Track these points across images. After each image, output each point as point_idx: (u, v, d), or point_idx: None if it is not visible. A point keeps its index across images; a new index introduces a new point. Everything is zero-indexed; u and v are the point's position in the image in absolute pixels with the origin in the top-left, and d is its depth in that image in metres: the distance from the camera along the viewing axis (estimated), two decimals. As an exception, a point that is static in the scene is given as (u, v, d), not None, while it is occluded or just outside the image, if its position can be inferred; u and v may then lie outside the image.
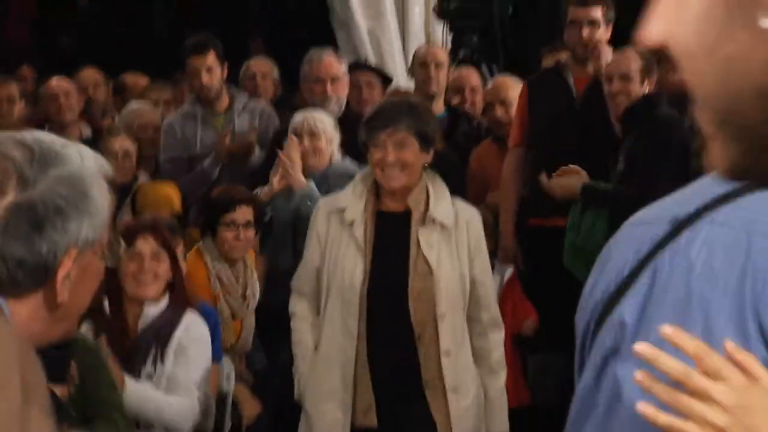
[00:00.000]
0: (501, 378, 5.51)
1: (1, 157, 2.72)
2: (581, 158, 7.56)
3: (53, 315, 2.81)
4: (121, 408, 5.22)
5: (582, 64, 8.08)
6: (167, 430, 5.77)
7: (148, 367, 5.78)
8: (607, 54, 8.04)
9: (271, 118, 8.78)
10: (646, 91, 7.62)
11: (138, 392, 5.43)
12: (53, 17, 15.61)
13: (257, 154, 8.40)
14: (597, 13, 8.15)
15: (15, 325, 2.75)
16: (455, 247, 5.38)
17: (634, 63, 7.65)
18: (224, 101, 8.73)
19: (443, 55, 9.51)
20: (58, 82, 9.08)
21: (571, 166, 7.31)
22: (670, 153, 7.15)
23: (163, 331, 5.85)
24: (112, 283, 5.85)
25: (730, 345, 1.90)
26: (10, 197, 2.71)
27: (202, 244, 7.15)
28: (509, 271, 7.71)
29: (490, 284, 5.59)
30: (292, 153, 7.33)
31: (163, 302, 5.93)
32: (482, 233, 5.58)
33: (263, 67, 9.47)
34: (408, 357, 5.29)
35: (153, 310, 5.87)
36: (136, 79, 10.21)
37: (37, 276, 2.75)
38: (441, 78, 9.05)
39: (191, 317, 6.04)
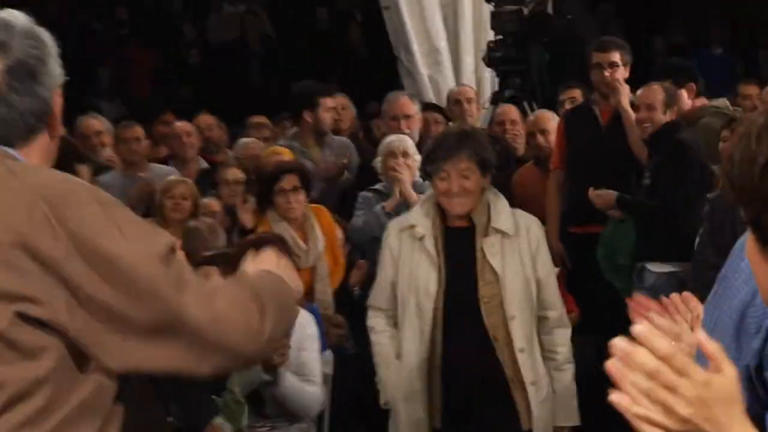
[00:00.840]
0: (568, 373, 4.99)
1: None
2: (608, 176, 7.52)
3: (53, 144, 2.78)
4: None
5: (605, 99, 7.98)
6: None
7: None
8: (626, 90, 7.93)
9: (351, 149, 8.64)
10: (668, 119, 7.43)
11: (293, 382, 5.20)
12: (170, 72, 15.53)
13: (345, 176, 8.28)
14: (616, 56, 8.08)
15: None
16: (518, 252, 4.87)
17: (658, 95, 7.49)
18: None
19: (472, 92, 9.49)
20: (181, 125, 9.03)
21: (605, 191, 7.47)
22: (688, 171, 7.10)
23: None
24: None
25: (702, 336, 1.83)
26: (1, 65, 2.65)
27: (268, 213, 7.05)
28: (555, 271, 7.30)
29: (553, 285, 5.05)
30: (405, 171, 7.07)
31: None
32: (543, 237, 5.09)
33: (342, 102, 9.25)
34: (486, 358, 4.81)
35: None
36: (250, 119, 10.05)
37: (44, 117, 2.71)
38: (473, 110, 9.10)
39: (303, 315, 5.75)
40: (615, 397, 1.81)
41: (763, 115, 1.99)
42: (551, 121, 8.36)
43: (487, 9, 10.16)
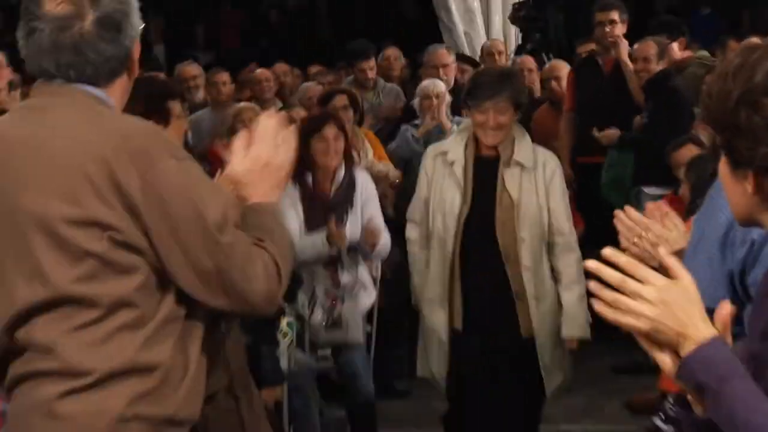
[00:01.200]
0: (575, 291, 4.64)
1: None
2: (612, 116, 7.43)
3: (130, 83, 2.69)
4: None
5: (607, 52, 7.87)
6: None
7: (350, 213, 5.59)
8: (624, 44, 7.84)
9: (400, 94, 8.58)
10: (661, 68, 7.34)
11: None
12: (254, 28, 15.53)
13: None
14: (615, 15, 7.94)
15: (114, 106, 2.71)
16: (534, 183, 4.60)
17: (652, 48, 7.40)
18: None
19: (501, 46, 9.52)
20: (261, 72, 8.96)
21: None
22: (679, 112, 6.99)
23: (349, 185, 5.53)
24: (308, 161, 5.49)
25: (662, 250, 1.82)
26: (90, 16, 2.56)
27: None
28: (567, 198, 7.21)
29: (564, 213, 4.71)
30: (441, 103, 7.01)
31: (342, 168, 5.62)
32: (558, 172, 4.77)
33: (394, 53, 9.21)
34: (497, 273, 4.58)
35: (340, 173, 5.55)
36: (310, 69, 10.06)
37: (124, 62, 2.64)
38: (503, 61, 9.08)
39: (361, 174, 5.77)
40: (597, 307, 1.78)
41: (738, 56, 1.90)
42: (564, 69, 8.27)
43: None
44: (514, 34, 10.26)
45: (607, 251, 1.79)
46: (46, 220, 2.50)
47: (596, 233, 6.58)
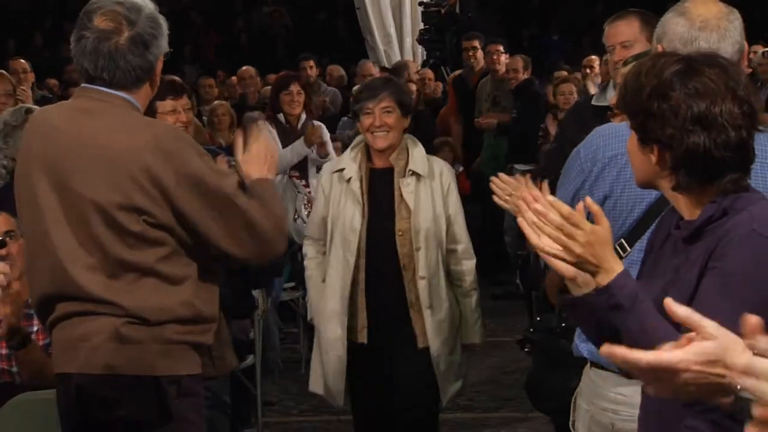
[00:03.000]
0: (473, 298, 3.73)
1: (111, 11, 2.53)
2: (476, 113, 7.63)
3: (152, 92, 2.64)
4: None
5: (472, 71, 7.94)
6: None
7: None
8: (493, 63, 7.77)
9: (337, 94, 8.51)
10: (526, 77, 7.38)
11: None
12: (227, 47, 14.86)
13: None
14: (476, 42, 7.96)
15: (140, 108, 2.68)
16: (430, 193, 3.61)
17: (519, 62, 7.47)
18: None
19: (411, 62, 9.29)
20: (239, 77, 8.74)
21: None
22: (538, 109, 7.08)
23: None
24: (278, 108, 5.53)
25: (588, 200, 1.75)
26: (126, 33, 2.53)
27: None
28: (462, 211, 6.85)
29: (461, 222, 3.74)
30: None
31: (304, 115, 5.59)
32: (453, 180, 3.77)
33: (334, 69, 9.22)
34: (396, 283, 3.58)
35: (302, 118, 5.51)
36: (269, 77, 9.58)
37: (149, 73, 2.57)
38: (412, 71, 8.78)
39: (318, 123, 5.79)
40: (534, 241, 1.73)
41: (650, 60, 1.87)
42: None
43: (418, 9, 10.06)
44: (421, 53, 10.11)
45: (542, 206, 1.70)
46: (98, 204, 2.51)
47: (480, 194, 6.73)
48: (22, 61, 6.75)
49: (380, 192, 3.67)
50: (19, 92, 5.89)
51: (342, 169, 3.71)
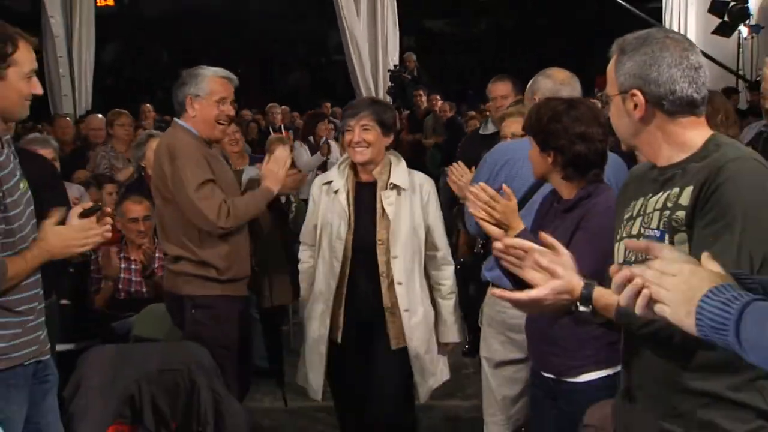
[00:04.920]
0: (451, 301, 3.61)
1: None
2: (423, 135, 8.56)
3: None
4: None
5: (420, 110, 9.37)
6: None
7: None
8: (433, 106, 9.14)
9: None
10: (451, 115, 8.90)
11: None
12: None
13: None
14: (421, 91, 9.55)
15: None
16: (409, 205, 3.53)
17: (447, 106, 9.16)
18: None
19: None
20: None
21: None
22: (457, 136, 7.33)
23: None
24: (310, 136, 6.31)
25: (505, 186, 2.25)
26: (184, 90, 3.12)
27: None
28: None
29: (440, 230, 3.61)
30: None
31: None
32: (433, 192, 3.58)
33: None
34: (375, 289, 3.51)
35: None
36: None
37: (183, 106, 3.09)
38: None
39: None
40: (474, 212, 2.12)
41: (545, 101, 2.33)
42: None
43: (387, 74, 10.91)
44: (389, 100, 10.48)
45: (479, 192, 2.21)
46: (155, 188, 3.11)
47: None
48: (148, 105, 8.66)
49: (364, 204, 3.49)
50: (146, 125, 7.43)
51: (330, 182, 3.49)
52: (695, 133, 1.62)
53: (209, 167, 3.00)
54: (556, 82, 2.99)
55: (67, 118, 7.35)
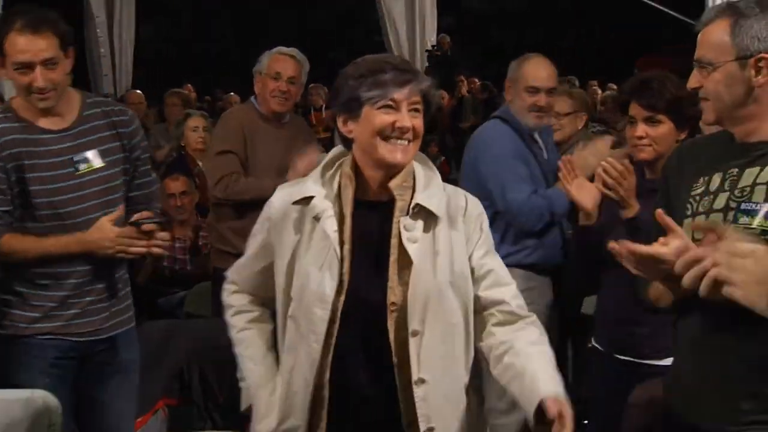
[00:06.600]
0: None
1: None
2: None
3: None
4: None
5: (459, 91, 9.60)
6: None
7: None
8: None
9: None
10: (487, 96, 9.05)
11: None
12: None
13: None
14: (462, 77, 9.64)
15: None
16: (448, 243, 1.87)
17: (484, 87, 9.44)
18: None
19: None
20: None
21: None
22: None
23: None
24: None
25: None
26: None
27: None
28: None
29: (500, 264, 1.90)
30: None
31: None
32: (485, 219, 1.93)
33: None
34: (381, 387, 1.85)
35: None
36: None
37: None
38: None
39: None
40: (604, 190, 2.41)
41: (657, 75, 2.50)
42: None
43: (425, 53, 10.75)
44: None
45: (612, 168, 2.38)
46: None
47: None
48: (189, 85, 9.08)
49: (368, 239, 1.82)
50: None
51: (309, 199, 1.82)
52: None
53: (241, 140, 3.01)
54: (538, 68, 3.01)
55: (139, 91, 7.39)
